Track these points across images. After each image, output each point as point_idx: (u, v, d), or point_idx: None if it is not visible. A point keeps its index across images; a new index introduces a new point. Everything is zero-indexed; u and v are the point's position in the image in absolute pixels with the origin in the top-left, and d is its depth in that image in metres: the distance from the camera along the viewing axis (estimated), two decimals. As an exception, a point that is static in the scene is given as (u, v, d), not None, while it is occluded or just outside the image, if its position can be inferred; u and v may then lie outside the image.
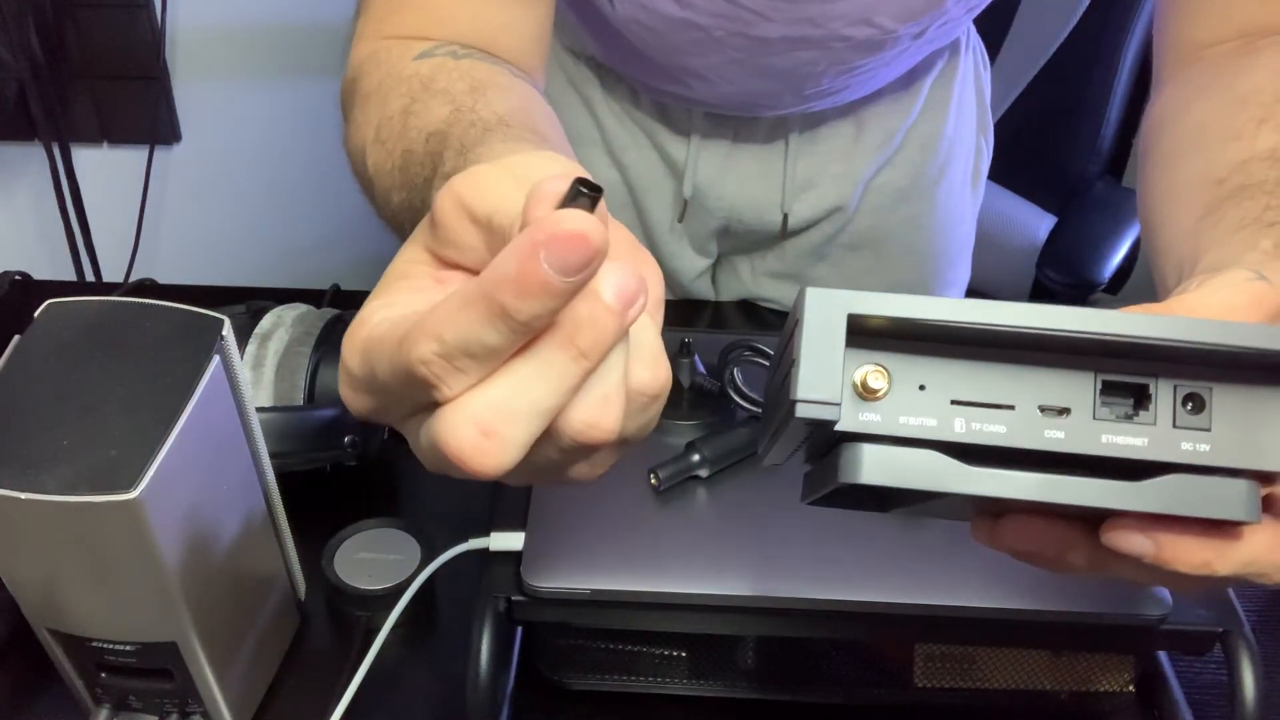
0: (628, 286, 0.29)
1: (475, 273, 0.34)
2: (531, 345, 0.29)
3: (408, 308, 0.33)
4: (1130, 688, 0.62)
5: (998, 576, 0.58)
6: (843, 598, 0.57)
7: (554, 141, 0.49)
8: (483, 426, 0.29)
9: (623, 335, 0.30)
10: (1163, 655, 0.65)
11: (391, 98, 0.56)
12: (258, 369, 0.70)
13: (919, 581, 0.57)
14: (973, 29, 0.93)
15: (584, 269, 0.28)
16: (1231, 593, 0.59)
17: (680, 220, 0.91)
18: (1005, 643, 0.61)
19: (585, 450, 0.32)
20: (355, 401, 0.34)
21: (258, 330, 0.72)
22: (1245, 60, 0.57)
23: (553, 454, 0.32)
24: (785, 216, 0.90)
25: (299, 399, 0.70)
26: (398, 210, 0.53)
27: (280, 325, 0.73)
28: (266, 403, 0.70)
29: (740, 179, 0.88)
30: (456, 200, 0.34)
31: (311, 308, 0.76)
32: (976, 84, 0.95)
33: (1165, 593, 0.57)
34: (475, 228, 0.34)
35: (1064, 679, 0.62)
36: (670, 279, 0.98)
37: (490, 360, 0.29)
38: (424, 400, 0.31)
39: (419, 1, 0.63)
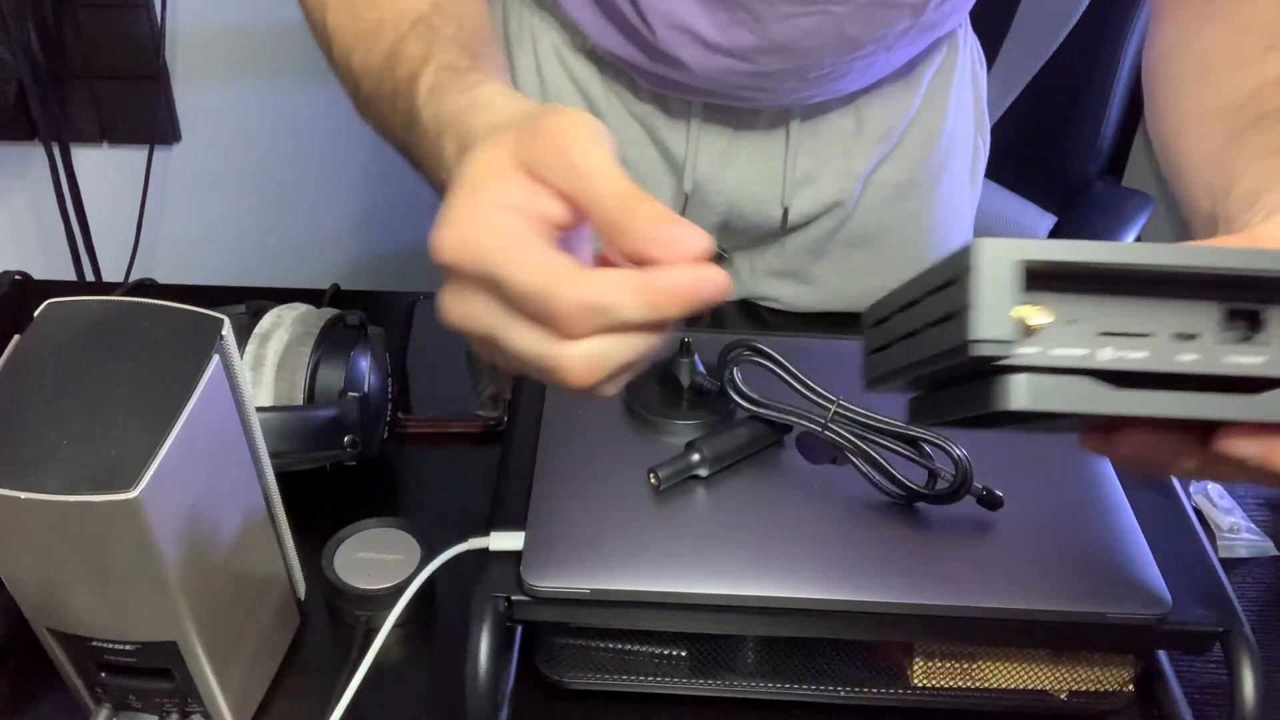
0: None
1: (560, 192, 0.41)
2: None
3: (528, 221, 0.40)
4: (1130, 687, 0.62)
5: (997, 576, 0.58)
6: (843, 598, 0.57)
7: (502, 63, 0.59)
8: (591, 366, 0.40)
9: None
10: (1163, 655, 0.65)
11: None
12: (258, 369, 0.70)
13: (919, 581, 0.57)
14: (970, 28, 0.93)
15: (711, 303, 0.39)
16: (1231, 593, 0.59)
17: (683, 211, 0.91)
18: (1005, 643, 0.61)
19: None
20: (454, 257, 0.41)
21: (257, 330, 0.72)
22: (1274, 60, 0.57)
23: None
24: (785, 211, 0.90)
25: (299, 398, 0.70)
26: (357, 71, 0.62)
27: (280, 325, 0.73)
28: (267, 402, 0.70)
29: (740, 172, 0.88)
30: (561, 148, 0.40)
31: (311, 308, 0.76)
32: (974, 82, 0.95)
33: (1165, 592, 0.57)
34: (573, 175, 0.40)
35: (1064, 679, 0.62)
36: None
37: (613, 325, 0.39)
38: (531, 315, 0.40)
39: None
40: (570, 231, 0.42)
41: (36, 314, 0.52)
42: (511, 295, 0.40)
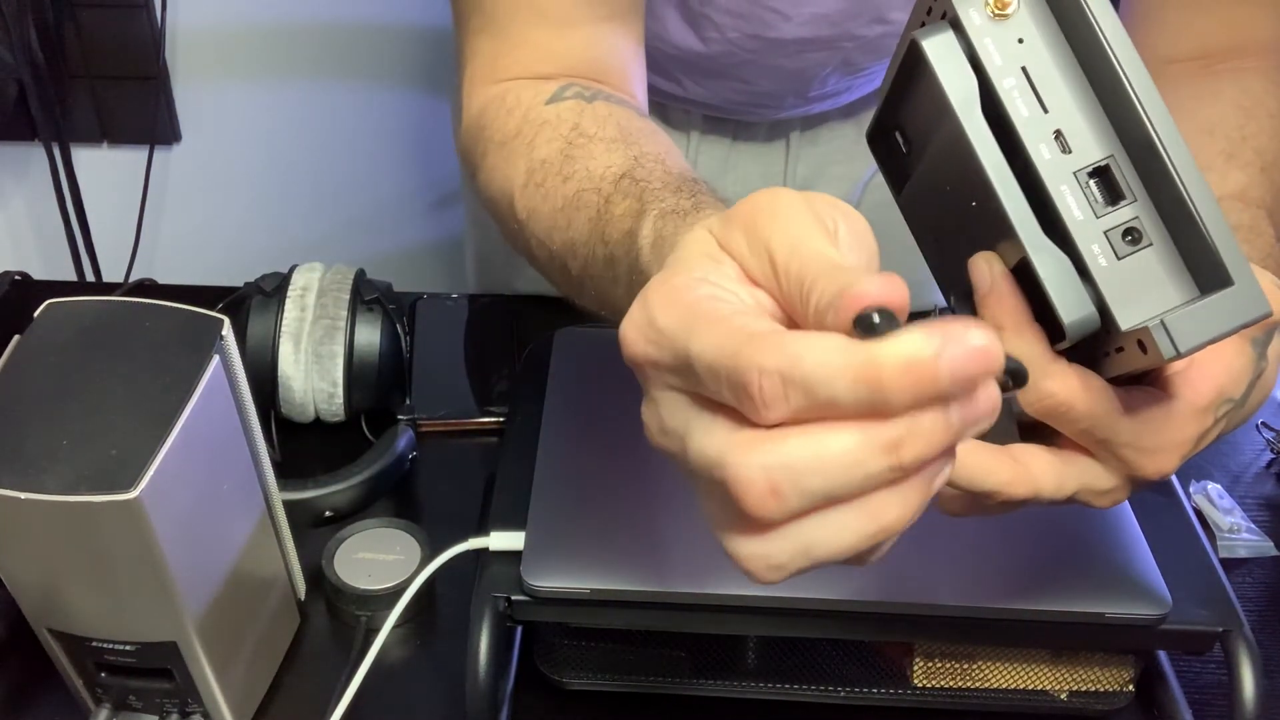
0: (979, 408, 0.29)
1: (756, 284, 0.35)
2: (856, 422, 0.29)
3: (729, 295, 0.34)
4: (1130, 688, 0.62)
5: (997, 576, 0.58)
6: (843, 597, 0.57)
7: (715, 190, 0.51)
8: (773, 484, 0.30)
9: (949, 458, 0.30)
10: (1162, 655, 0.65)
11: (539, 143, 0.58)
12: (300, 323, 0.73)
13: (919, 581, 0.57)
14: None
15: (975, 383, 0.28)
16: (1231, 593, 0.59)
17: None
18: (1005, 643, 0.61)
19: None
20: (641, 349, 0.34)
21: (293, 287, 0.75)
22: (1205, 84, 0.57)
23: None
24: None
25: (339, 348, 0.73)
26: (561, 251, 0.55)
27: (313, 274, 0.76)
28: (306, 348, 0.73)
29: (740, 180, 0.88)
30: (751, 217, 0.35)
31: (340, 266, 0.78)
32: None
33: (1165, 593, 0.57)
34: (763, 259, 0.34)
35: (1064, 679, 0.62)
36: None
37: (820, 411, 0.29)
38: (713, 394, 0.31)
39: (528, 40, 0.63)
40: None
41: (36, 314, 0.52)
42: (699, 374, 0.32)
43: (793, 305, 0.33)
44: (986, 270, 0.41)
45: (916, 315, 0.97)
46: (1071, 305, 0.39)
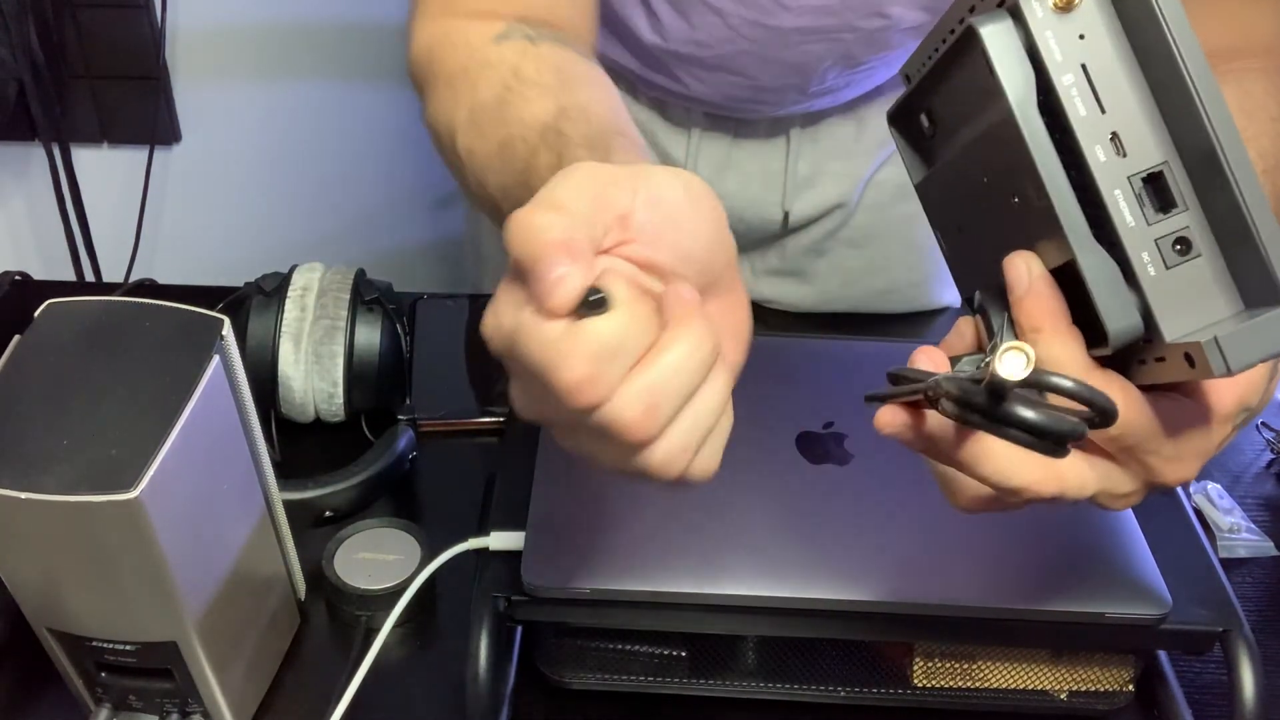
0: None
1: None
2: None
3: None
4: (1130, 687, 0.62)
5: (997, 576, 0.58)
6: (843, 597, 0.57)
7: (640, 143, 0.55)
8: (648, 406, 0.36)
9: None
10: (1162, 655, 0.65)
11: (481, 84, 0.60)
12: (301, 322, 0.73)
13: (919, 581, 0.57)
14: None
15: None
16: (1231, 593, 0.59)
17: None
18: (1005, 643, 0.61)
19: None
20: (493, 347, 0.40)
21: (294, 287, 0.75)
22: None
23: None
24: (786, 214, 0.90)
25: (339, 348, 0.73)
26: (494, 192, 0.58)
27: (313, 274, 0.76)
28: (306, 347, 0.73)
29: (741, 177, 0.88)
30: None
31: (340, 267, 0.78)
32: None
33: (1165, 593, 0.57)
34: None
35: (1064, 679, 0.62)
36: None
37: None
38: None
39: None
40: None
41: (37, 314, 0.52)
42: (522, 360, 0.37)
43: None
44: (1025, 270, 0.40)
45: (917, 315, 0.96)
46: (1117, 312, 0.38)
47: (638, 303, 0.37)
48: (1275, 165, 0.50)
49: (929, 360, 0.43)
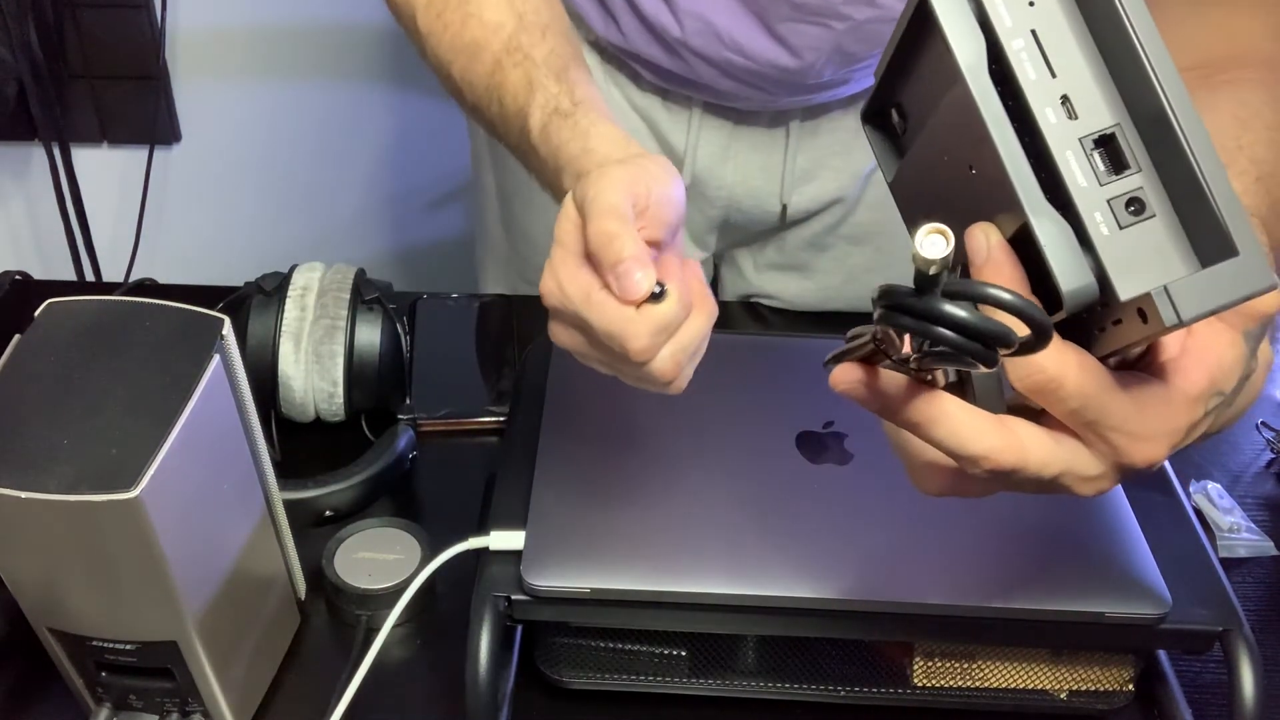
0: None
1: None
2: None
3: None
4: (1130, 687, 0.62)
5: (997, 576, 0.58)
6: (843, 597, 0.57)
7: (586, 68, 0.65)
8: (676, 361, 0.52)
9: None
10: (1162, 655, 0.65)
11: None
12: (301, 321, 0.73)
13: (918, 581, 0.57)
14: None
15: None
16: (1231, 592, 0.59)
17: None
18: (1005, 642, 0.61)
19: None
20: (551, 302, 0.53)
21: (294, 286, 0.75)
22: (1203, 95, 0.57)
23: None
24: (784, 207, 0.90)
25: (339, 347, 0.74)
26: (457, 81, 0.67)
27: (313, 273, 0.76)
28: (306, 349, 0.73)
29: (740, 168, 0.88)
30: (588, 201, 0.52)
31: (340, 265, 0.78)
32: None
33: (1165, 592, 0.57)
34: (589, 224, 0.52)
35: (1064, 679, 0.62)
36: None
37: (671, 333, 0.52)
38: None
39: None
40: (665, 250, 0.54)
41: (37, 314, 0.52)
42: (592, 331, 0.51)
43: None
44: (983, 240, 0.40)
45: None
46: (1071, 273, 0.38)
47: (680, 292, 0.50)
48: (1270, 172, 0.50)
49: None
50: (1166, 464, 0.68)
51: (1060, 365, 0.39)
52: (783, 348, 0.74)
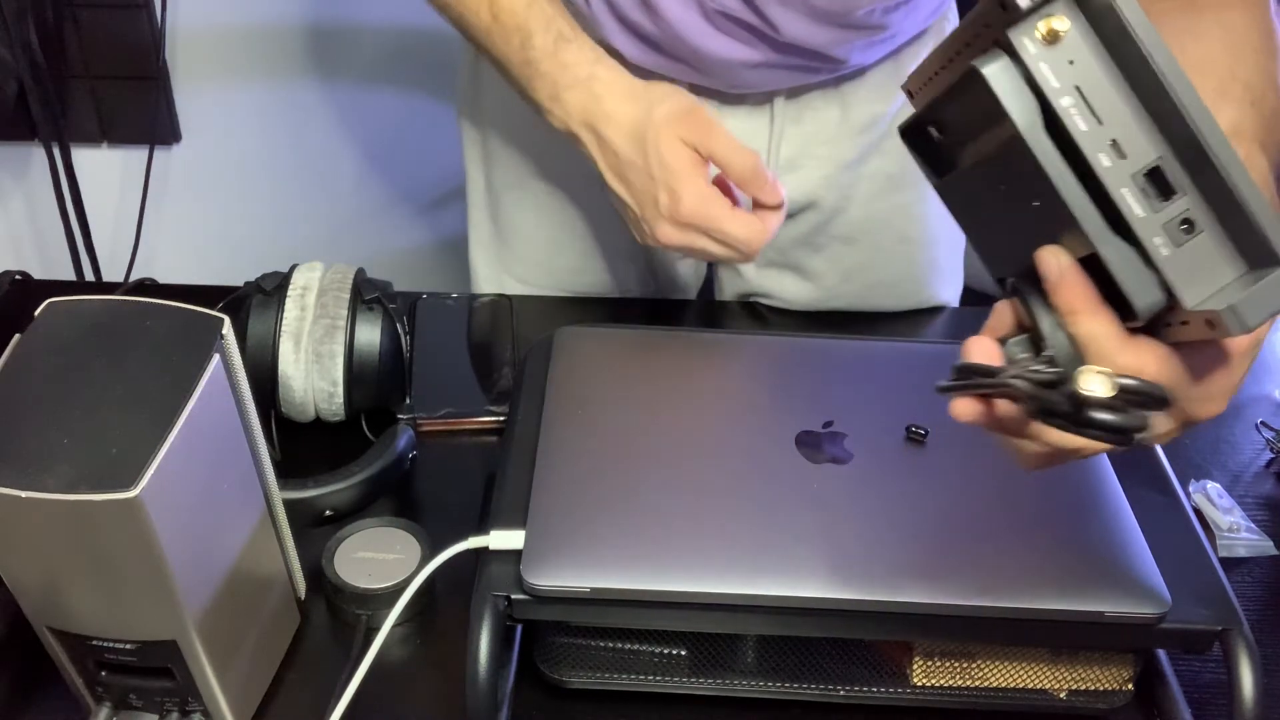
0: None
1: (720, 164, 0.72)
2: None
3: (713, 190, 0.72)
4: (1129, 686, 0.62)
5: (997, 575, 0.58)
6: (843, 597, 0.57)
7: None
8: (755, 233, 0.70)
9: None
10: (1162, 654, 0.65)
11: None
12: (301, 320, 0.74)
13: (918, 581, 0.57)
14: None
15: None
16: (1231, 592, 0.59)
17: None
18: (1005, 642, 0.61)
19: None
20: (692, 214, 0.71)
21: (294, 286, 0.75)
22: (1190, 21, 0.59)
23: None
24: None
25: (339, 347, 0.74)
26: (475, 21, 0.75)
27: (313, 273, 0.76)
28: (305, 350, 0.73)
29: None
30: (709, 138, 0.71)
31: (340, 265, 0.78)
32: None
33: (1164, 592, 0.57)
34: (725, 158, 0.72)
35: (1063, 678, 0.62)
36: (656, 262, 0.98)
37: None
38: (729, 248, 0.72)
39: None
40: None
41: (37, 314, 0.52)
42: (726, 240, 0.70)
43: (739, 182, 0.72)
44: (1055, 263, 0.46)
45: (916, 314, 0.96)
46: (1142, 291, 0.44)
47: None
48: (1261, 95, 0.54)
49: (982, 352, 0.49)
50: (1166, 464, 0.68)
51: (1143, 361, 0.46)
52: (782, 348, 0.74)
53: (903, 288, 0.97)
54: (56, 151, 1.52)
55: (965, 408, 0.49)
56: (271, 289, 0.75)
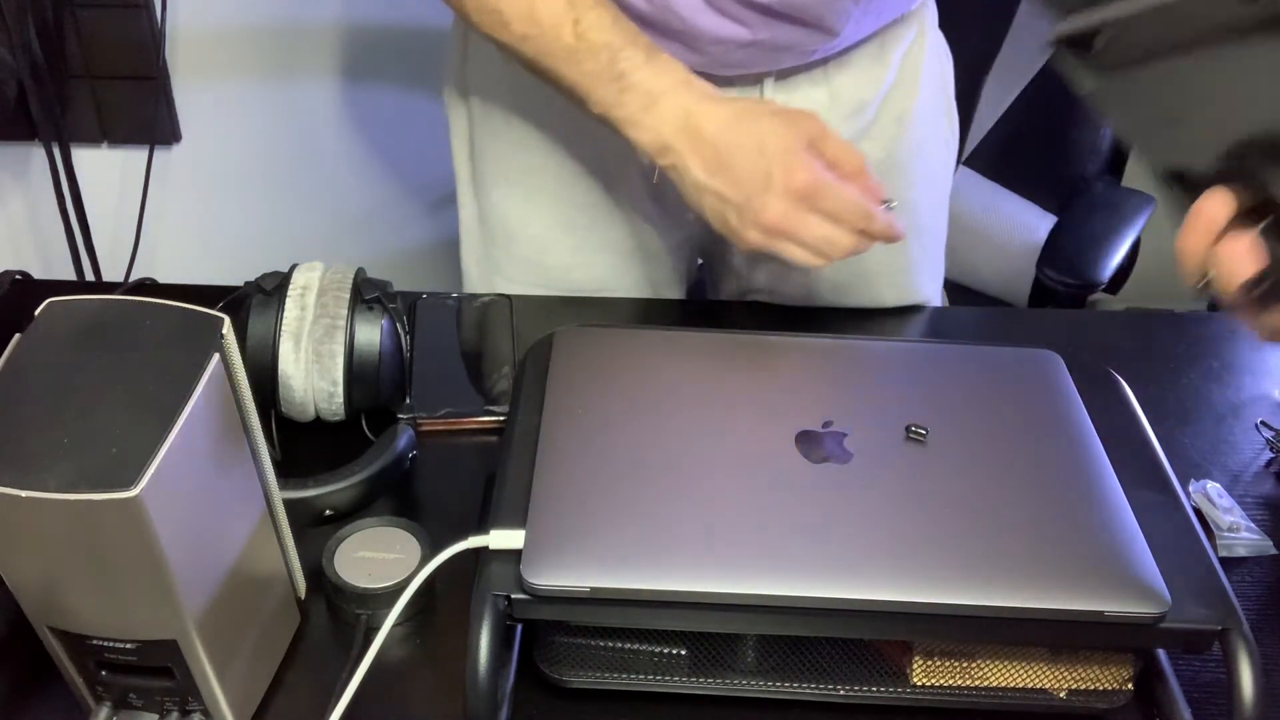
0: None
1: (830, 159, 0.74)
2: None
3: (824, 174, 0.72)
4: (1129, 686, 0.62)
5: (997, 576, 0.58)
6: (843, 597, 0.57)
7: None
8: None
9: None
10: (1162, 653, 0.65)
11: None
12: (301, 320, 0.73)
13: (918, 580, 0.57)
14: (936, 25, 0.94)
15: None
16: (1230, 592, 0.59)
17: (655, 180, 0.90)
18: (1004, 641, 0.61)
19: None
20: (799, 183, 0.71)
21: (294, 286, 0.75)
22: None
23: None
24: None
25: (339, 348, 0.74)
26: (515, 32, 0.75)
27: (313, 273, 0.76)
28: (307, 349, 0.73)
29: None
30: (823, 135, 0.74)
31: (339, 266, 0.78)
32: (941, 73, 0.96)
33: (1164, 591, 0.57)
34: (837, 153, 0.74)
35: (1063, 678, 0.62)
36: (648, 250, 0.98)
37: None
38: (836, 218, 0.72)
39: None
40: None
41: (37, 313, 0.52)
42: (835, 209, 0.71)
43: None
44: None
45: (906, 310, 0.97)
46: None
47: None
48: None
49: (1201, 240, 0.53)
50: (1166, 464, 0.68)
51: None
52: (782, 347, 0.74)
53: (892, 277, 0.97)
54: (56, 151, 1.52)
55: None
56: (271, 289, 0.75)
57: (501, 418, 0.80)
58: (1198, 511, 0.76)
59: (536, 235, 0.96)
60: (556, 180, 0.93)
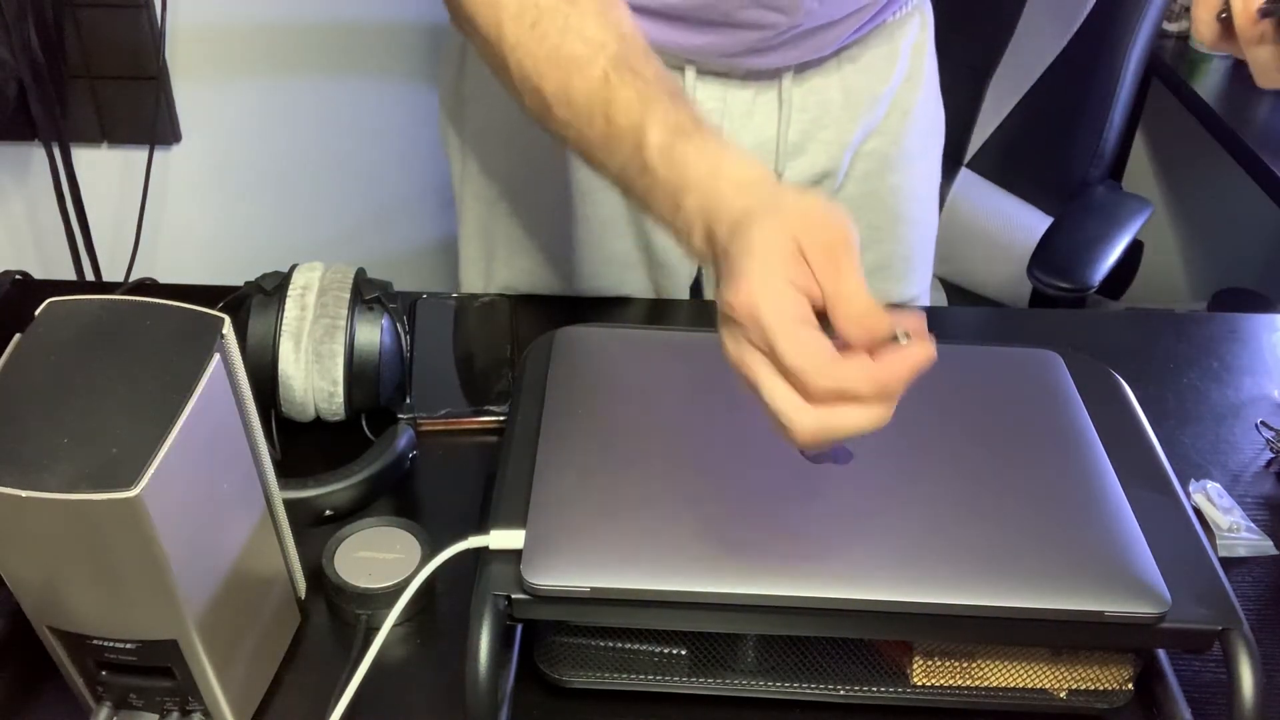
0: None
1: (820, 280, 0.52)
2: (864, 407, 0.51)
3: (800, 290, 0.51)
4: (1129, 686, 0.62)
5: (997, 575, 0.58)
6: (842, 596, 0.57)
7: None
8: (815, 436, 0.51)
9: None
10: (1162, 654, 0.65)
11: None
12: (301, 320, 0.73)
13: (918, 580, 0.57)
14: (930, 39, 0.95)
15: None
16: (1230, 592, 0.59)
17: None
18: (1004, 641, 0.61)
19: None
20: (744, 315, 0.51)
21: (294, 286, 0.75)
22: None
23: None
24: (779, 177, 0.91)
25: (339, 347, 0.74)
26: (550, 99, 0.64)
27: (313, 273, 0.76)
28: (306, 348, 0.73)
29: (735, 136, 0.89)
30: (829, 247, 0.52)
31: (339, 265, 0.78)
32: (935, 67, 0.97)
33: (1164, 591, 0.57)
34: (835, 275, 0.52)
35: (1063, 678, 0.62)
36: (655, 260, 0.98)
37: (849, 401, 0.50)
38: (788, 378, 0.51)
39: None
40: None
41: (37, 313, 0.52)
42: (780, 365, 0.50)
43: (839, 319, 0.51)
44: None
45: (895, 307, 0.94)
46: None
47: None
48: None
49: None
50: (1166, 464, 0.68)
51: None
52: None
53: (896, 268, 0.98)
54: (56, 151, 1.53)
55: None
56: (271, 289, 0.75)
57: (501, 418, 0.80)
58: (1198, 511, 0.76)
59: (540, 247, 0.96)
60: (558, 196, 0.93)
